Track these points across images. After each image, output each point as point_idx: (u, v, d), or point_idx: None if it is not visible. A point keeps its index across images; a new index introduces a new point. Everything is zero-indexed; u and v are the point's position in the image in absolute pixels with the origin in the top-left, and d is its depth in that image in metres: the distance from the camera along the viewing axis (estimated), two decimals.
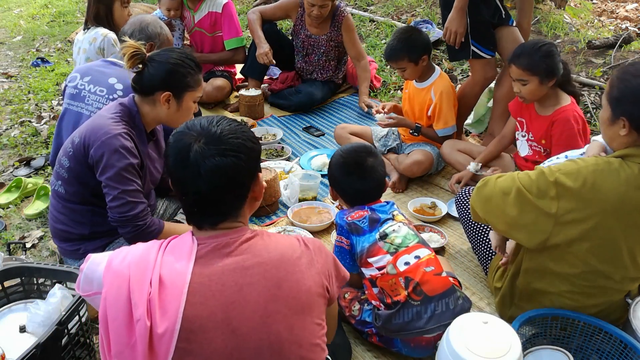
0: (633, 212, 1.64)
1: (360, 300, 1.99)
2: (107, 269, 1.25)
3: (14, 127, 3.90)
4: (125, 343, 1.16)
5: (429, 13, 5.24)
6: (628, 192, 1.62)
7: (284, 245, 1.28)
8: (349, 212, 1.96)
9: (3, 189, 3.11)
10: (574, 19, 4.76)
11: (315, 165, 3.25)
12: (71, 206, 2.08)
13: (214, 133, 1.26)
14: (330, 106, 4.15)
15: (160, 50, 2.06)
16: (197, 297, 1.17)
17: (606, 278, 1.75)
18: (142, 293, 1.17)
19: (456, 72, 4.34)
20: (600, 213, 1.64)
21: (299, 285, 1.24)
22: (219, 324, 1.16)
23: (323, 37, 3.91)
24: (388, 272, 1.85)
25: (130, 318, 1.16)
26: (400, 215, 2.01)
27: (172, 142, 1.30)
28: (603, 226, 1.65)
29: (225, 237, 1.25)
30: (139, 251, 1.26)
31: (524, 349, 1.71)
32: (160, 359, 1.14)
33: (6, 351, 1.67)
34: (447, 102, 2.98)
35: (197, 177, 1.23)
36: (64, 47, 5.68)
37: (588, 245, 1.69)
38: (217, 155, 1.23)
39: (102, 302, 1.20)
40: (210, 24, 4.03)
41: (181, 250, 1.24)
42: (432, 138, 3.11)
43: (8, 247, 2.53)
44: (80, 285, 1.31)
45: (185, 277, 1.18)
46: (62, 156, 2.05)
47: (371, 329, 1.93)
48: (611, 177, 1.63)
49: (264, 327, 1.18)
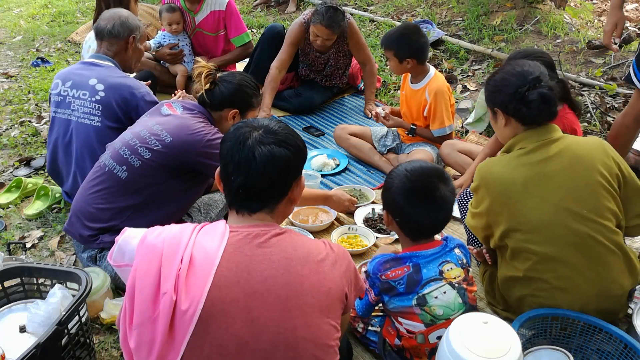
0: (529, 189, 1.79)
1: (364, 319, 1.93)
2: (141, 242, 1.32)
3: (14, 127, 3.90)
4: (149, 316, 1.21)
5: (429, 13, 5.24)
6: (513, 173, 1.82)
7: (310, 246, 1.34)
8: (384, 267, 1.67)
9: (3, 189, 3.11)
10: (574, 19, 4.76)
11: (315, 165, 3.25)
12: (122, 192, 2.16)
13: (272, 127, 1.40)
14: (331, 106, 4.15)
15: (230, 72, 2.41)
16: (223, 281, 1.21)
17: (564, 265, 1.77)
18: (172, 268, 1.23)
19: (456, 72, 4.35)
20: (500, 202, 1.83)
21: (320, 286, 1.28)
22: (240, 311, 1.20)
23: (332, 52, 3.86)
24: (416, 340, 1.68)
25: (157, 291, 1.21)
26: (456, 269, 1.69)
27: (231, 130, 1.42)
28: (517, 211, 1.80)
29: (257, 228, 1.31)
30: (174, 229, 1.33)
31: (524, 349, 1.71)
32: (179, 336, 1.19)
33: (6, 351, 1.67)
34: (441, 103, 2.97)
35: (251, 160, 1.33)
36: (64, 47, 5.67)
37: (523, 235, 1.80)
38: (273, 144, 1.35)
39: (132, 272, 1.26)
40: (213, 24, 4.02)
41: (214, 235, 1.29)
42: (428, 138, 3.11)
43: (8, 247, 2.53)
44: (112, 255, 1.42)
45: (215, 260, 1.23)
46: (139, 146, 2.15)
47: (374, 349, 1.91)
48: (497, 167, 1.87)
49: (283, 320, 1.21)
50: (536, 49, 3.62)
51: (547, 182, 1.79)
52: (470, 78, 4.24)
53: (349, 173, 3.24)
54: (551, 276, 1.80)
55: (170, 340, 1.19)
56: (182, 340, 1.18)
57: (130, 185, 2.16)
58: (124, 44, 2.64)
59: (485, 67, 4.29)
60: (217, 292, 1.20)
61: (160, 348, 1.19)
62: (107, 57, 2.62)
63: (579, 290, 1.79)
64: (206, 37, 4.08)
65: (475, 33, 4.72)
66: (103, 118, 2.49)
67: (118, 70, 2.61)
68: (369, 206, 2.81)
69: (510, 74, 1.86)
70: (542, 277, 1.81)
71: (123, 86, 2.51)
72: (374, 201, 2.88)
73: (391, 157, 3.23)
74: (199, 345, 1.19)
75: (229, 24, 4.03)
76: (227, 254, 1.25)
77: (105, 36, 2.62)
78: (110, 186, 2.18)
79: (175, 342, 1.19)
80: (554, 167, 1.80)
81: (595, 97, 3.60)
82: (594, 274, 1.78)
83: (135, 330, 1.21)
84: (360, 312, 1.82)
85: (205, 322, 1.18)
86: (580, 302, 1.79)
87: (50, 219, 2.84)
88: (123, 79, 2.56)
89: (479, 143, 3.28)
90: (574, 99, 2.60)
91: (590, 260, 1.77)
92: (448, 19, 5.14)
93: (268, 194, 1.37)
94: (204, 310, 1.18)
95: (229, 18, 4.01)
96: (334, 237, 2.55)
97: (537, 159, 1.81)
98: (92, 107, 2.50)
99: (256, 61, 3.98)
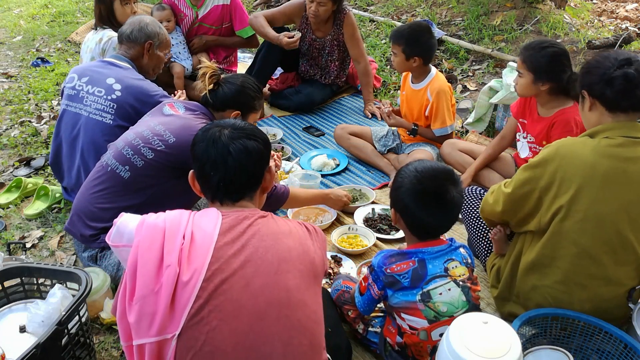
0: (607, 181, 1.72)
1: (364, 319, 1.93)
2: (141, 224, 1.40)
3: (14, 127, 3.89)
4: (151, 288, 1.28)
5: (429, 13, 5.24)
6: (597, 160, 1.73)
7: (291, 224, 1.47)
8: (390, 261, 1.67)
9: (3, 189, 3.11)
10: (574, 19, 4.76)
11: (315, 165, 3.25)
12: (124, 192, 2.16)
13: (238, 124, 1.56)
14: (331, 106, 4.15)
15: (233, 74, 2.42)
16: (221, 253, 1.31)
17: (596, 264, 1.77)
18: (175, 243, 1.32)
19: (456, 72, 4.35)
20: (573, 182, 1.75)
21: (305, 256, 1.40)
22: (237, 278, 1.30)
23: (327, 39, 3.89)
24: (419, 337, 1.68)
25: (160, 264, 1.30)
26: (461, 267, 1.69)
27: (201, 133, 1.55)
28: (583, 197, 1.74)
29: (244, 211, 1.44)
30: (172, 213, 1.44)
31: (524, 349, 1.71)
32: (180, 307, 1.26)
33: (6, 351, 1.67)
34: (443, 102, 2.98)
35: (227, 155, 1.47)
36: (64, 47, 5.67)
37: (575, 222, 1.76)
38: (244, 137, 1.51)
39: (134, 249, 1.34)
40: (218, 17, 4.05)
41: (209, 218, 1.40)
42: (430, 138, 3.11)
43: (8, 247, 2.53)
44: (110, 237, 1.49)
45: (213, 236, 1.34)
46: (142, 146, 2.15)
47: (375, 349, 1.91)
48: (581, 148, 1.77)
49: (275, 282, 1.32)
50: (550, 39, 3.62)
51: (625, 181, 1.74)
52: (470, 78, 4.24)
53: (349, 173, 3.24)
54: (580, 271, 1.79)
55: (171, 311, 1.26)
56: (182, 310, 1.25)
57: (133, 185, 2.16)
58: (141, 49, 2.68)
59: (485, 67, 4.29)
60: (216, 264, 1.29)
61: (162, 320, 1.25)
62: (125, 59, 2.67)
63: (595, 292, 1.79)
64: (209, 31, 4.10)
65: (475, 33, 4.72)
66: (116, 117, 2.52)
67: (135, 72, 2.65)
68: (369, 206, 2.81)
69: (604, 57, 1.81)
70: (572, 269, 1.79)
71: (139, 88, 2.55)
72: (374, 201, 2.88)
73: (391, 157, 3.23)
74: (199, 313, 1.26)
75: (234, 17, 4.07)
76: (223, 230, 1.36)
77: (124, 40, 2.69)
78: (112, 186, 2.18)
79: (175, 313, 1.26)
80: (637, 169, 1.74)
81: None
82: (615, 280, 1.78)
83: (137, 304, 1.27)
84: (361, 307, 1.80)
85: (206, 290, 1.26)
86: (592, 304, 1.80)
87: (50, 219, 2.84)
88: (140, 81, 2.60)
89: (479, 143, 3.28)
90: None
91: (618, 266, 1.77)
92: (448, 19, 5.14)
93: (246, 185, 1.51)
94: (204, 280, 1.27)
95: (234, 11, 4.05)
96: (334, 237, 2.55)
97: (623, 155, 1.74)
98: (107, 104, 2.52)
99: (260, 63, 3.98)
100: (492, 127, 3.57)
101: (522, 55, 2.43)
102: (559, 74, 2.39)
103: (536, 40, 2.51)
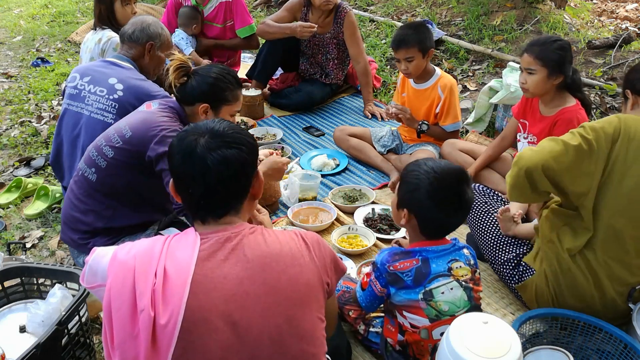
0: None
1: (365, 320, 1.92)
2: (112, 260, 1.27)
3: (14, 127, 3.90)
4: (129, 333, 1.18)
5: (429, 13, 5.24)
6: None
7: (283, 240, 1.32)
8: (393, 259, 1.67)
9: (3, 189, 3.11)
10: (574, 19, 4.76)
11: (315, 165, 3.25)
12: (97, 195, 2.12)
13: (217, 129, 1.35)
14: (331, 106, 4.15)
15: (205, 65, 2.24)
16: (200, 288, 1.19)
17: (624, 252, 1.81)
18: (147, 283, 1.19)
19: (456, 72, 4.35)
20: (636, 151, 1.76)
21: (298, 279, 1.27)
22: (220, 315, 1.18)
23: (327, 36, 3.90)
24: (420, 335, 1.67)
25: (134, 308, 1.18)
26: (464, 268, 1.69)
27: (176, 142, 1.36)
28: None
29: (227, 231, 1.29)
30: (144, 244, 1.29)
31: (524, 349, 1.71)
32: (163, 350, 1.16)
33: (6, 351, 1.67)
34: (455, 97, 3.02)
35: (205, 169, 1.29)
36: (64, 47, 5.68)
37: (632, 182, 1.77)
38: (223, 147, 1.30)
39: (107, 292, 1.22)
40: (223, 15, 4.05)
41: (185, 244, 1.27)
42: (438, 136, 3.11)
43: (8, 247, 2.53)
44: (84, 277, 1.33)
45: (189, 269, 1.21)
46: (104, 145, 2.11)
47: (376, 349, 1.90)
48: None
49: (264, 319, 1.21)
50: (554, 35, 3.64)
51: None
52: (470, 78, 4.24)
53: (349, 173, 3.24)
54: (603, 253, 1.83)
55: (154, 354, 1.17)
56: (166, 353, 1.16)
57: (101, 187, 2.12)
58: (142, 49, 2.68)
59: (485, 67, 4.29)
60: (196, 301, 1.18)
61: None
62: (127, 59, 2.67)
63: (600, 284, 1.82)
64: (214, 29, 4.10)
65: (475, 33, 4.72)
66: (117, 116, 2.52)
67: (137, 73, 2.65)
68: (369, 206, 2.81)
69: None
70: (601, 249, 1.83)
71: (141, 88, 2.55)
72: (374, 201, 2.88)
73: (392, 157, 3.22)
74: (184, 355, 1.17)
75: (235, 14, 4.07)
76: (201, 261, 1.22)
77: (126, 40, 2.68)
78: (84, 190, 2.15)
79: (160, 355, 1.17)
80: None
81: (595, 97, 3.60)
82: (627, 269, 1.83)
83: (118, 350, 1.19)
84: (363, 303, 1.78)
85: (188, 331, 1.17)
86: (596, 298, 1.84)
87: (50, 219, 2.84)
88: (142, 81, 2.59)
89: (479, 143, 3.28)
90: (586, 95, 2.60)
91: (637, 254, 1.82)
92: (448, 19, 5.14)
93: (230, 198, 1.34)
94: (184, 320, 1.16)
95: (235, 9, 4.05)
96: (334, 237, 2.55)
97: None
98: (109, 104, 2.52)
99: (262, 62, 3.99)
100: (492, 127, 3.57)
101: (532, 52, 2.40)
102: (569, 66, 2.41)
103: (542, 37, 2.52)
